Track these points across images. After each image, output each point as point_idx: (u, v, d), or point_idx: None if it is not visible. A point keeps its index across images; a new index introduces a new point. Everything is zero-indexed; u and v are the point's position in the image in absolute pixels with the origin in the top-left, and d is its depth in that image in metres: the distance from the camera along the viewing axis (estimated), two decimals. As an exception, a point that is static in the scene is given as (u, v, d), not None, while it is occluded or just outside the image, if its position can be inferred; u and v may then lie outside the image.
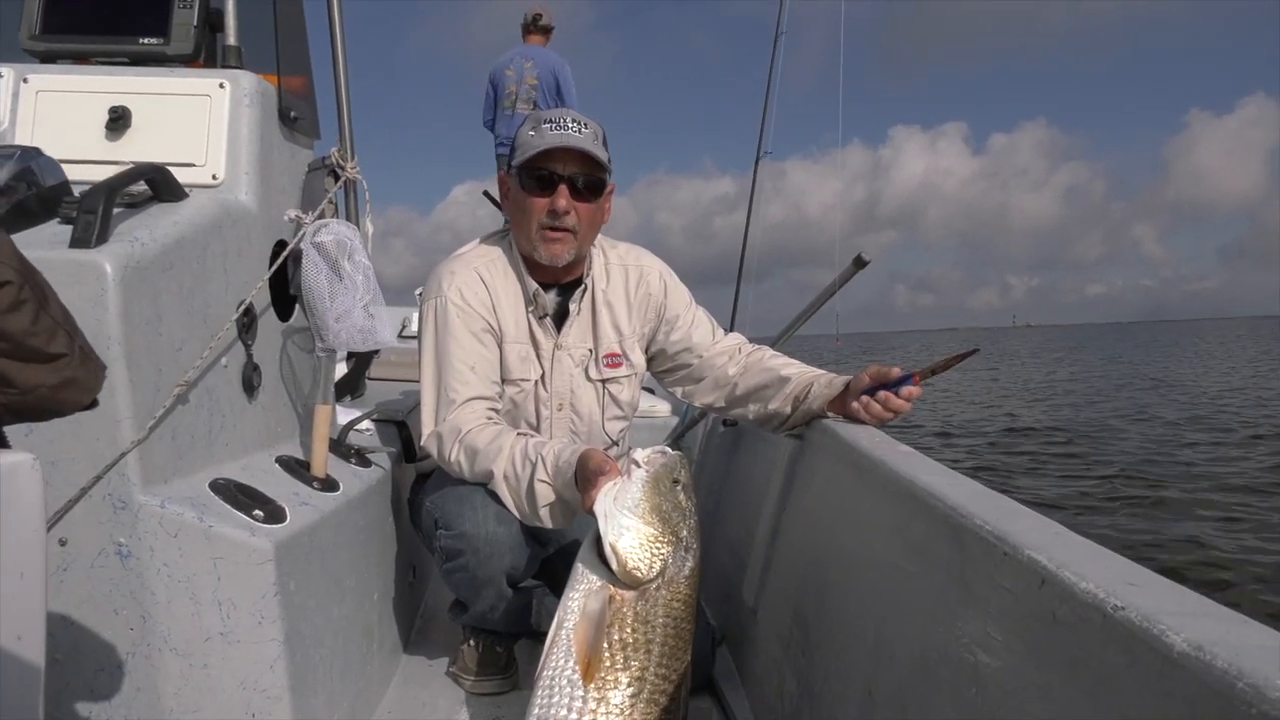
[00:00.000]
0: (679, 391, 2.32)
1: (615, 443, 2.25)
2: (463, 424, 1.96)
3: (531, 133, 2.00)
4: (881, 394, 1.85)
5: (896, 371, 1.87)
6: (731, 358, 2.20)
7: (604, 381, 2.17)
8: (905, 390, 1.84)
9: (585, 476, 1.58)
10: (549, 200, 1.99)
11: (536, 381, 2.12)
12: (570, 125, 1.98)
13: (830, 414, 1.98)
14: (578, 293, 2.13)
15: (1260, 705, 0.62)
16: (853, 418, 1.91)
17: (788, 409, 2.07)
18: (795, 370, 2.10)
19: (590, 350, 2.16)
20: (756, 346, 2.25)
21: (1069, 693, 0.85)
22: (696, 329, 2.24)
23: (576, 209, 2.00)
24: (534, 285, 2.09)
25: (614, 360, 2.17)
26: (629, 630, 1.32)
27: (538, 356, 2.12)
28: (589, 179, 2.01)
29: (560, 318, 2.14)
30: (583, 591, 1.34)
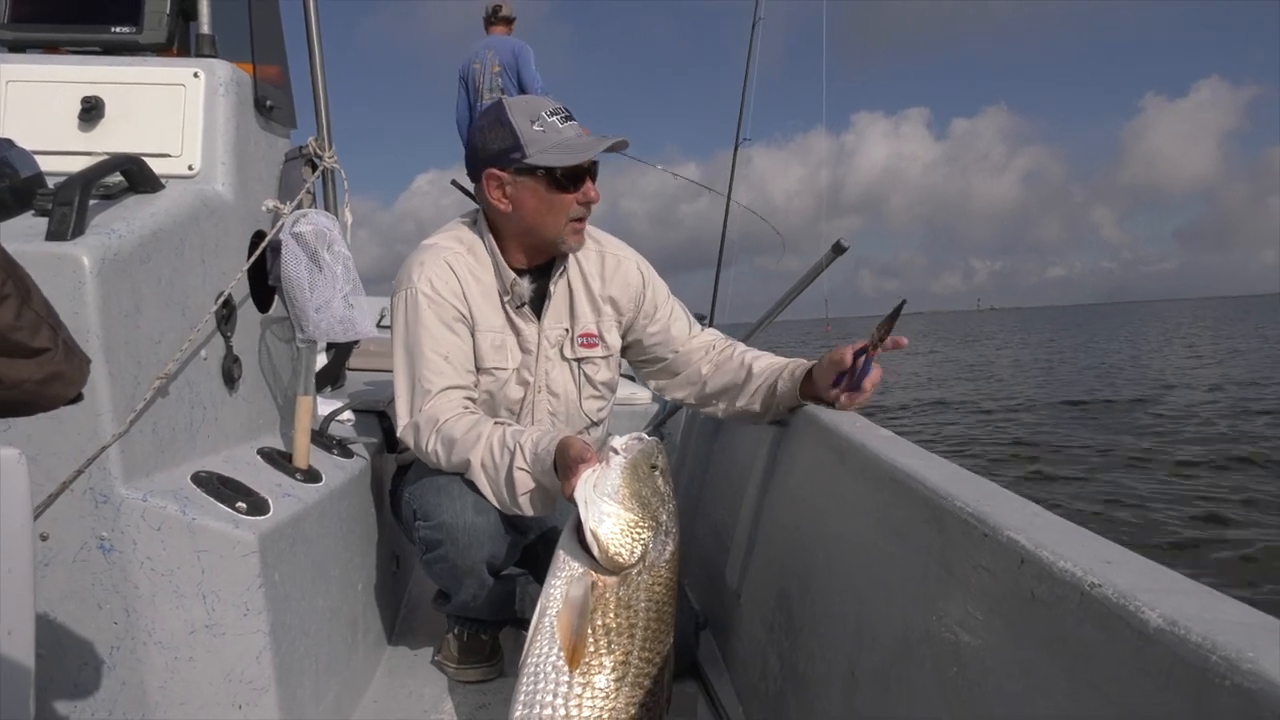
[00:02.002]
0: (653, 385, 2.33)
1: (596, 423, 2.23)
2: (439, 414, 1.95)
3: (539, 129, 1.96)
4: (843, 394, 1.89)
5: (849, 355, 1.87)
6: (706, 354, 2.19)
7: (578, 361, 2.16)
8: (866, 381, 1.88)
9: (564, 464, 1.58)
10: (581, 193, 2.02)
11: (516, 369, 2.11)
12: (573, 121, 2.00)
13: (803, 400, 1.98)
14: (556, 274, 2.13)
15: (1233, 677, 0.64)
16: (825, 403, 1.93)
17: (757, 406, 2.07)
18: (761, 365, 2.09)
19: (566, 329, 2.14)
20: (731, 343, 2.23)
21: (1048, 669, 0.87)
22: (675, 322, 2.23)
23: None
24: (512, 274, 2.08)
25: (589, 340, 2.16)
26: (612, 615, 1.33)
27: (520, 344, 2.11)
28: (593, 164, 2.05)
29: (539, 301, 2.13)
30: (565, 578, 1.36)
